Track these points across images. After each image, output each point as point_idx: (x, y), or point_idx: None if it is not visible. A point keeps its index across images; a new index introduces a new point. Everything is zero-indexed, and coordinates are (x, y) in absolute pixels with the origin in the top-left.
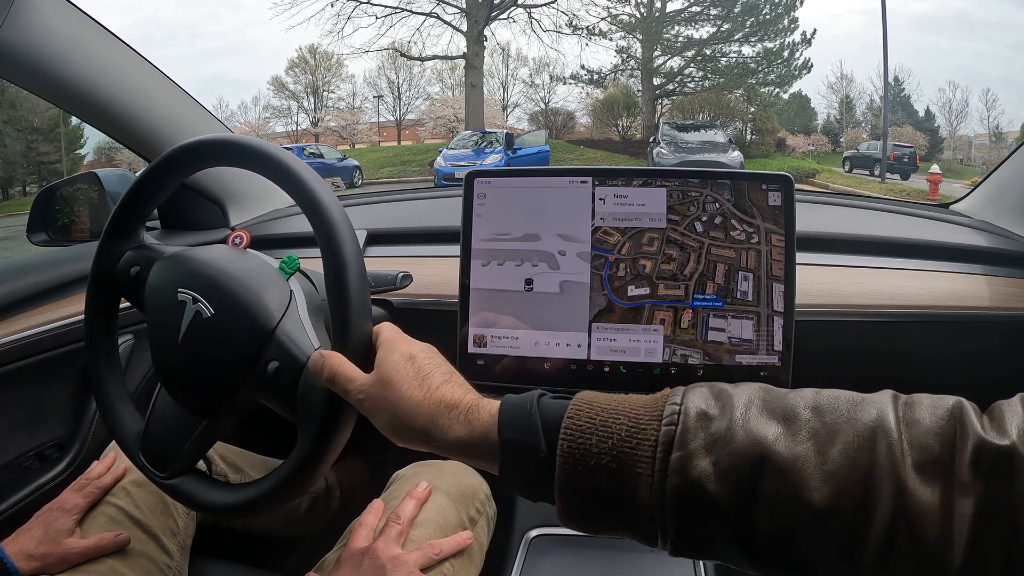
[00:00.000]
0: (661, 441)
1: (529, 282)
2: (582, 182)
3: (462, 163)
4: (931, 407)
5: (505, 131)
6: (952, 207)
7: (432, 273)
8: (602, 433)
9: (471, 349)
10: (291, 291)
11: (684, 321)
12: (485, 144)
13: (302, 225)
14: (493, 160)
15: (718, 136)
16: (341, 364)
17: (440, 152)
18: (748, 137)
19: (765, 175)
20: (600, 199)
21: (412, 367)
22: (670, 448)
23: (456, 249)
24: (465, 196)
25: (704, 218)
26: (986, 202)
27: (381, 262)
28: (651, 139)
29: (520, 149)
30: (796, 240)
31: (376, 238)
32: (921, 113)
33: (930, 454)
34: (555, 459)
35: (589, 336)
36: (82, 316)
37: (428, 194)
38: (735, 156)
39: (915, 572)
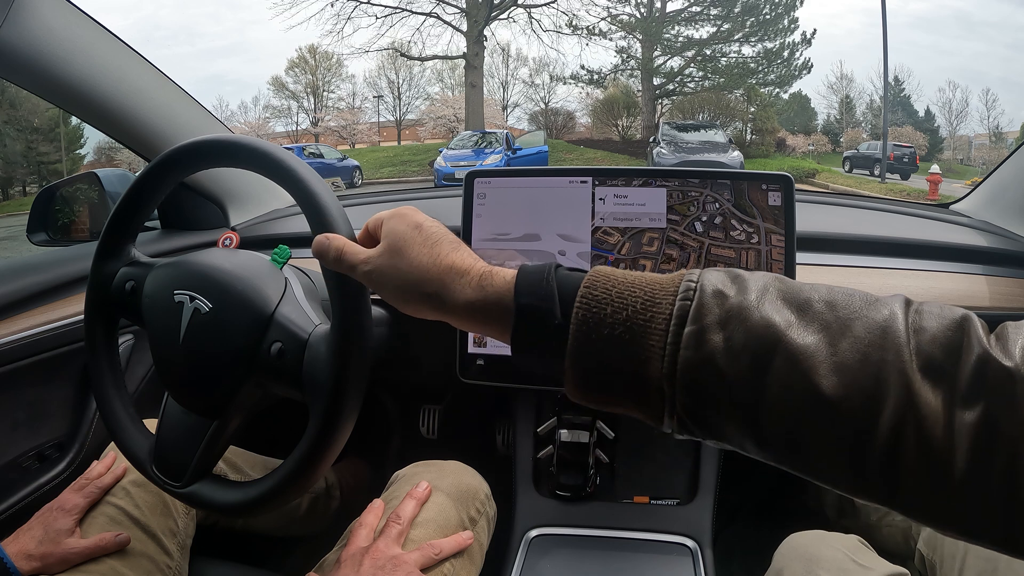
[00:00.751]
0: (675, 315)
1: None
2: (582, 182)
3: (462, 163)
4: (939, 316)
5: (505, 131)
6: (952, 207)
7: None
8: (617, 304)
9: (471, 349)
10: (286, 279)
11: None
12: (485, 144)
13: (302, 225)
14: (493, 160)
15: (718, 136)
16: (346, 242)
17: (440, 152)
18: (748, 137)
19: (765, 175)
20: (600, 199)
21: (420, 234)
22: (684, 322)
23: None
24: (465, 196)
25: (704, 218)
26: (986, 202)
27: None
28: (651, 139)
29: (520, 149)
30: (796, 240)
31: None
32: (921, 113)
33: (934, 361)
34: (569, 327)
35: None
36: (81, 316)
37: (428, 194)
38: (735, 156)
39: (920, 473)
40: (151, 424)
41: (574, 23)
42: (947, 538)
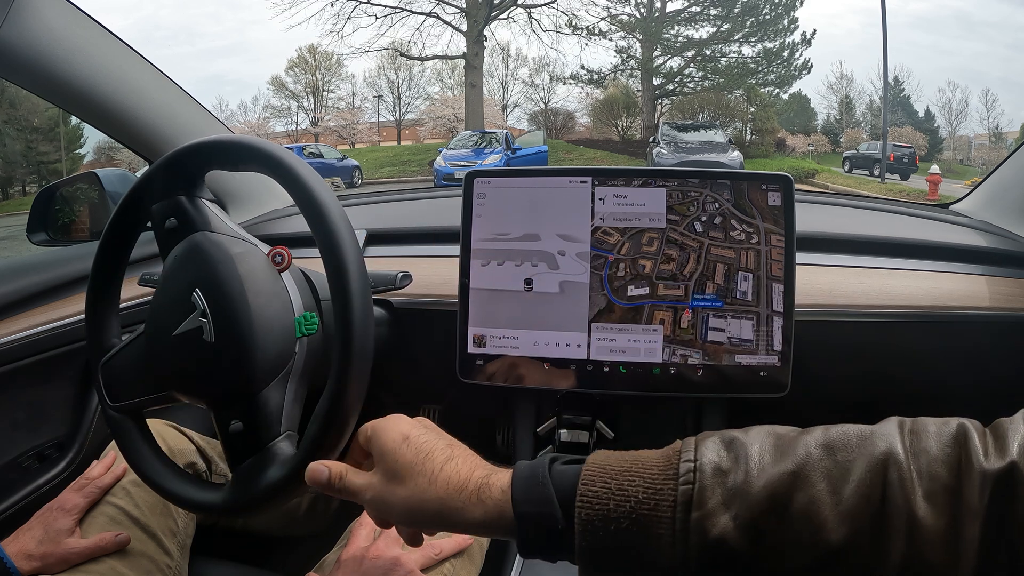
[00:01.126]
0: (680, 501)
1: (529, 282)
2: (582, 182)
3: (462, 163)
4: (936, 435)
5: (505, 131)
6: (952, 207)
7: (432, 273)
8: (619, 497)
9: (471, 349)
10: (294, 354)
11: (684, 321)
12: (485, 144)
13: (302, 225)
14: (493, 160)
15: (718, 136)
16: (345, 469)
17: (440, 152)
18: (748, 137)
19: (765, 175)
20: (600, 199)
21: (410, 449)
22: (689, 507)
23: (456, 249)
24: (465, 196)
25: (704, 218)
26: (986, 202)
27: (381, 262)
28: (651, 139)
29: (520, 149)
30: (796, 240)
31: (376, 238)
32: (921, 113)
33: (938, 482)
34: (574, 528)
35: (589, 336)
36: (82, 316)
37: (428, 194)
38: (735, 156)
39: None
40: (155, 424)
41: (574, 23)
42: None
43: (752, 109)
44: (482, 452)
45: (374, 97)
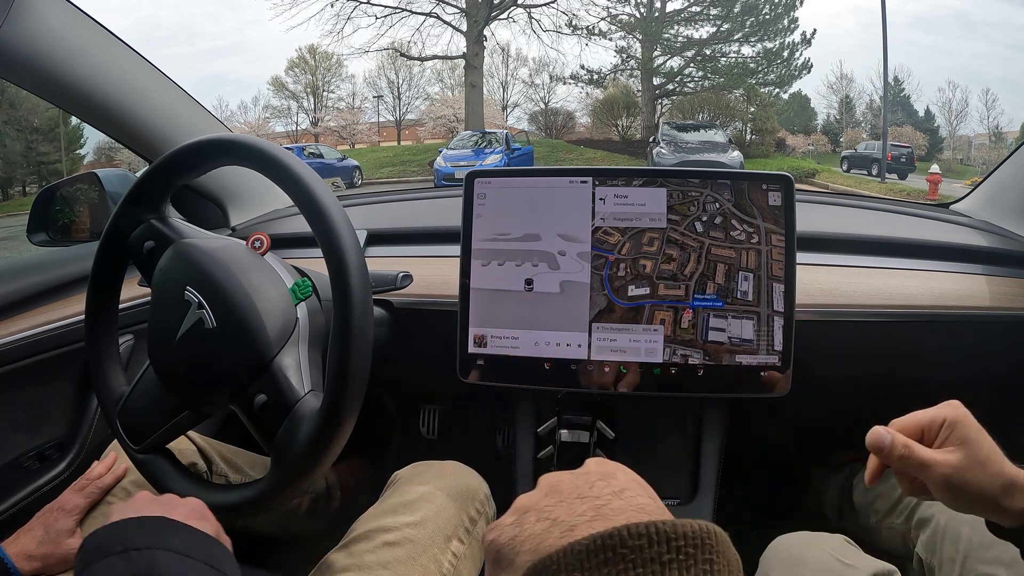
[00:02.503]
0: None
1: (529, 282)
2: (582, 182)
3: (462, 163)
4: None
5: (505, 131)
6: (952, 207)
7: (432, 273)
8: None
9: (471, 349)
10: (297, 319)
11: (684, 321)
12: (485, 144)
13: (302, 225)
14: (493, 160)
15: (718, 136)
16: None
17: (440, 152)
18: (748, 137)
19: (765, 175)
20: (600, 199)
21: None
22: None
23: (456, 249)
24: (465, 196)
25: (704, 218)
26: (986, 202)
27: (381, 262)
28: (651, 139)
29: (519, 149)
30: (797, 240)
31: (376, 238)
32: (921, 113)
33: None
34: None
35: (589, 336)
36: (83, 316)
37: (428, 194)
38: (735, 156)
39: None
40: None
41: (574, 23)
42: (945, 542)
43: (752, 109)
44: (483, 452)
45: (374, 97)
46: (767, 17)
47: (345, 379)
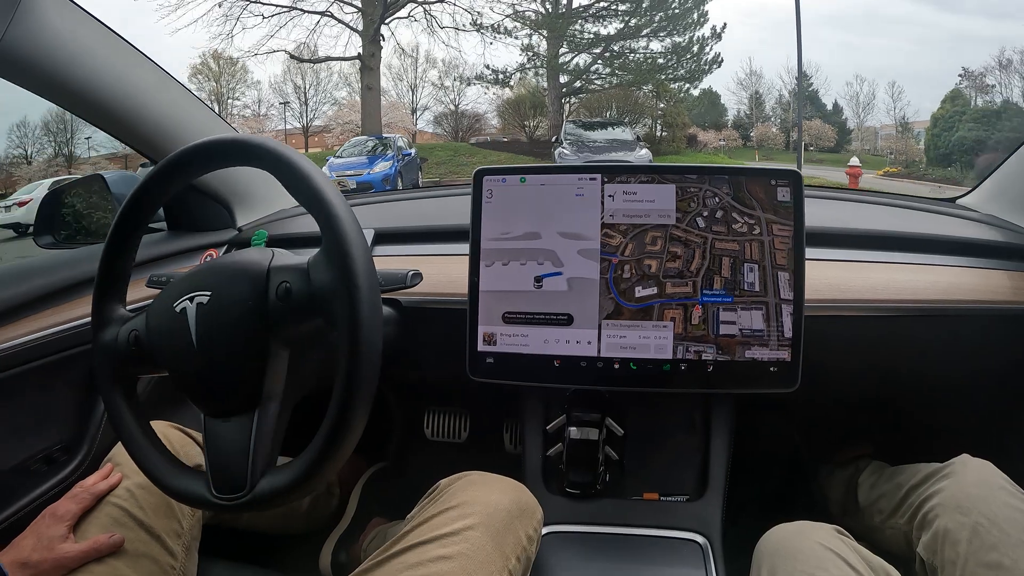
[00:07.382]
0: None
1: (539, 280)
2: (591, 179)
3: (348, 172)
4: None
5: (397, 136)
6: (958, 201)
7: (439, 272)
8: None
9: (481, 347)
10: (271, 250)
11: (695, 317)
12: (382, 150)
13: (308, 225)
14: (382, 168)
15: (625, 134)
16: None
17: (327, 162)
18: (659, 133)
19: (774, 171)
20: (609, 196)
21: None
22: None
23: (464, 247)
24: (474, 195)
25: (705, 213)
26: (992, 196)
27: (389, 261)
28: (553, 139)
29: (409, 154)
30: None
31: (383, 237)
32: (829, 107)
33: None
34: None
35: (599, 333)
36: (87, 319)
37: (434, 193)
38: (643, 154)
39: None
40: (159, 426)
41: (478, 22)
42: (947, 543)
43: (662, 105)
44: (492, 450)
45: (280, 104)
46: (676, 11)
47: (354, 379)
